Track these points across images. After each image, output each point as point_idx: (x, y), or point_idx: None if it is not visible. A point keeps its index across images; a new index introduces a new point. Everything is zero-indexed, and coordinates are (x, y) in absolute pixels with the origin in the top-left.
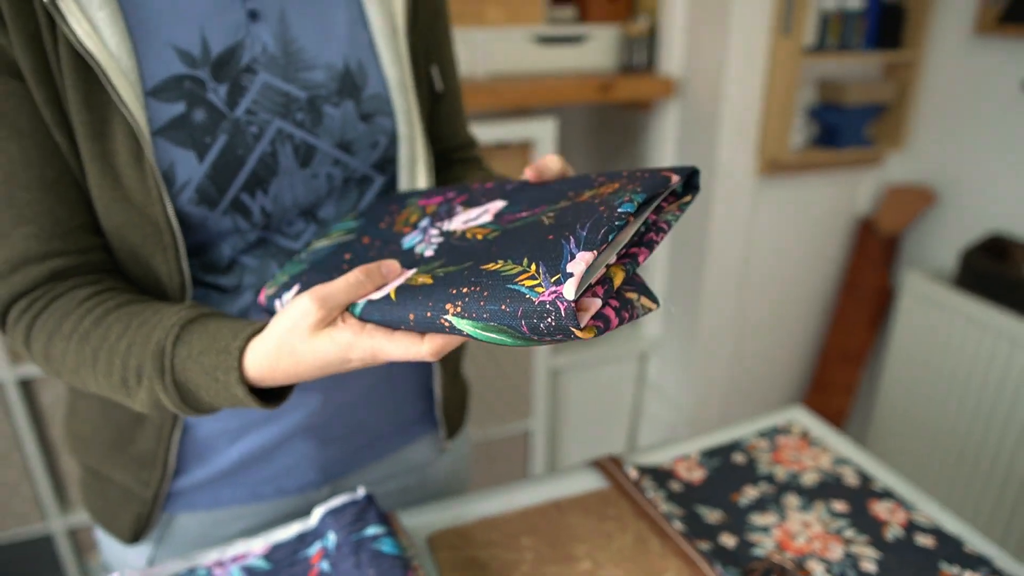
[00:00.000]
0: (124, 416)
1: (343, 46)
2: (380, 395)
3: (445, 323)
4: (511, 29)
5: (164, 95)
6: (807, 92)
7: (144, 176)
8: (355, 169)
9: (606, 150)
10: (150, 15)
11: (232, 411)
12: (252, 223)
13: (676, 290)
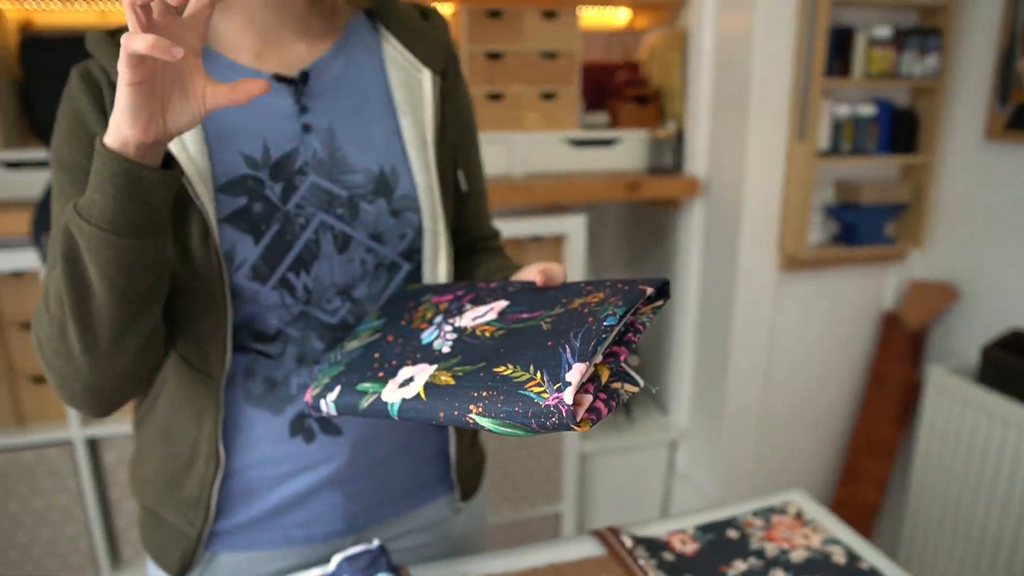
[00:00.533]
0: (176, 463)
1: (379, 154)
2: (402, 456)
3: (470, 420)
4: (548, 133)
5: (231, 191)
6: (826, 192)
7: (209, 254)
8: (385, 256)
9: (637, 244)
10: (225, 127)
11: (271, 462)
12: (296, 298)
13: (702, 379)
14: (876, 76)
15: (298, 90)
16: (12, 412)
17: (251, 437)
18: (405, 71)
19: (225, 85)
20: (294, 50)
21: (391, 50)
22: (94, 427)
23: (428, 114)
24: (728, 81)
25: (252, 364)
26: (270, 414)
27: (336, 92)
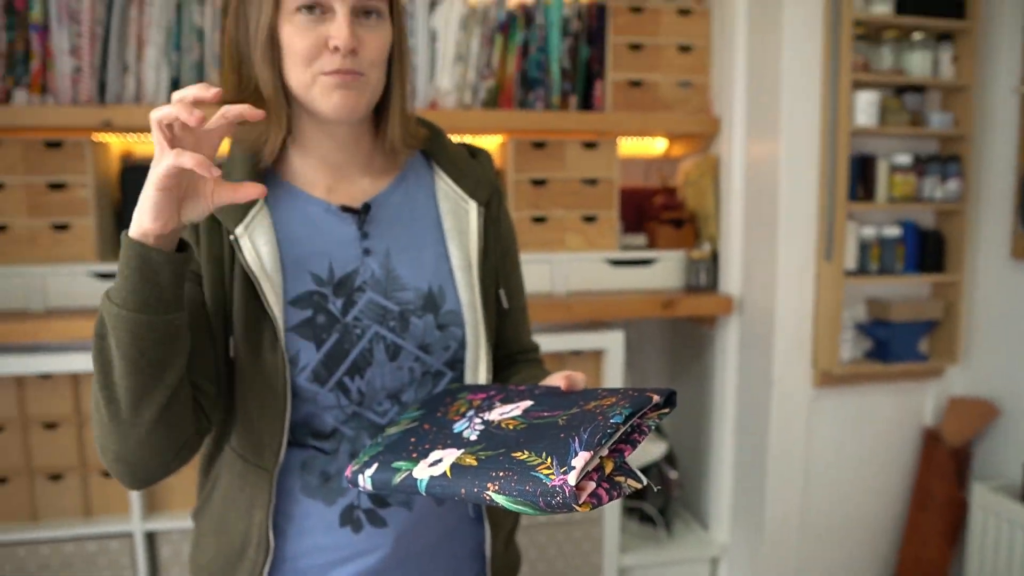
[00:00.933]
0: (230, 550)
1: (429, 275)
2: (441, 551)
3: (487, 496)
4: (589, 254)
5: (299, 304)
6: (857, 309)
7: (276, 358)
8: (431, 365)
9: (676, 359)
10: (297, 249)
11: (321, 550)
12: (350, 400)
13: (740, 495)
14: (899, 200)
15: (361, 219)
16: (81, 504)
17: (304, 526)
18: (454, 202)
19: (228, 186)
20: (359, 185)
21: (442, 184)
22: (153, 522)
23: (473, 240)
24: (758, 205)
25: (309, 459)
26: (323, 505)
27: (393, 220)
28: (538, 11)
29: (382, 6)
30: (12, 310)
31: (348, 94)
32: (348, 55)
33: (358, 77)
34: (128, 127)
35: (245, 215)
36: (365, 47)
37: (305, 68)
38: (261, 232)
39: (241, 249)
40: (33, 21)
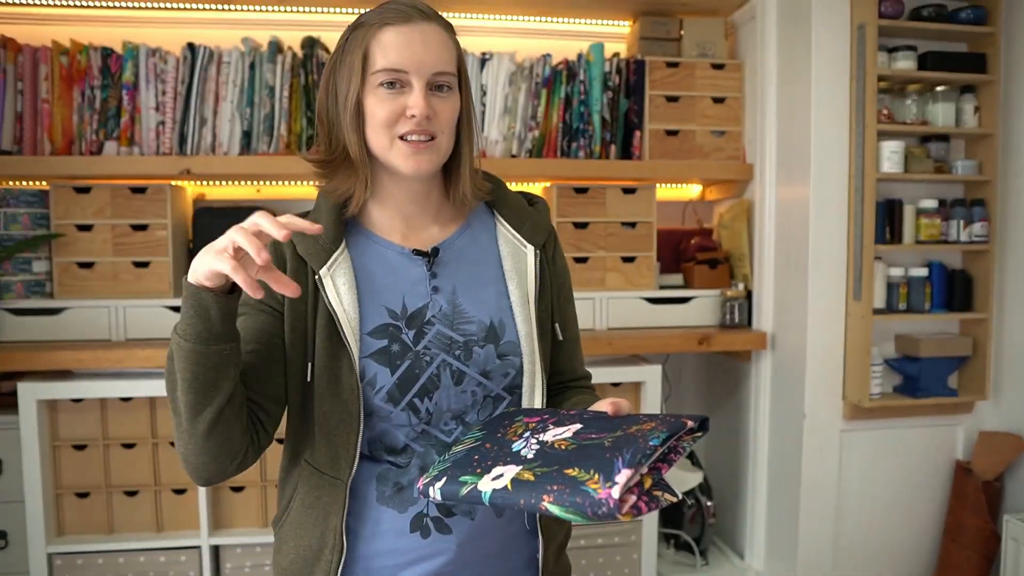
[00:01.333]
0: (308, 553)
1: (491, 309)
2: (500, 559)
3: (543, 507)
4: (628, 292)
5: (375, 335)
6: (887, 346)
7: (353, 381)
8: (491, 390)
9: (713, 391)
10: (373, 287)
11: (392, 552)
12: (419, 419)
13: (774, 524)
14: (926, 241)
15: (430, 261)
16: (154, 519)
17: (377, 530)
18: (513, 246)
19: (273, 275)
20: (430, 232)
21: (503, 230)
22: (218, 537)
23: (530, 280)
24: (789, 246)
25: (384, 472)
26: (396, 512)
27: (459, 262)
28: (580, 67)
29: (451, 81)
30: (97, 340)
31: (421, 155)
32: (423, 121)
33: (431, 140)
34: (205, 175)
35: (329, 258)
36: (437, 115)
37: (385, 132)
38: (342, 272)
39: (324, 288)
40: (125, 81)
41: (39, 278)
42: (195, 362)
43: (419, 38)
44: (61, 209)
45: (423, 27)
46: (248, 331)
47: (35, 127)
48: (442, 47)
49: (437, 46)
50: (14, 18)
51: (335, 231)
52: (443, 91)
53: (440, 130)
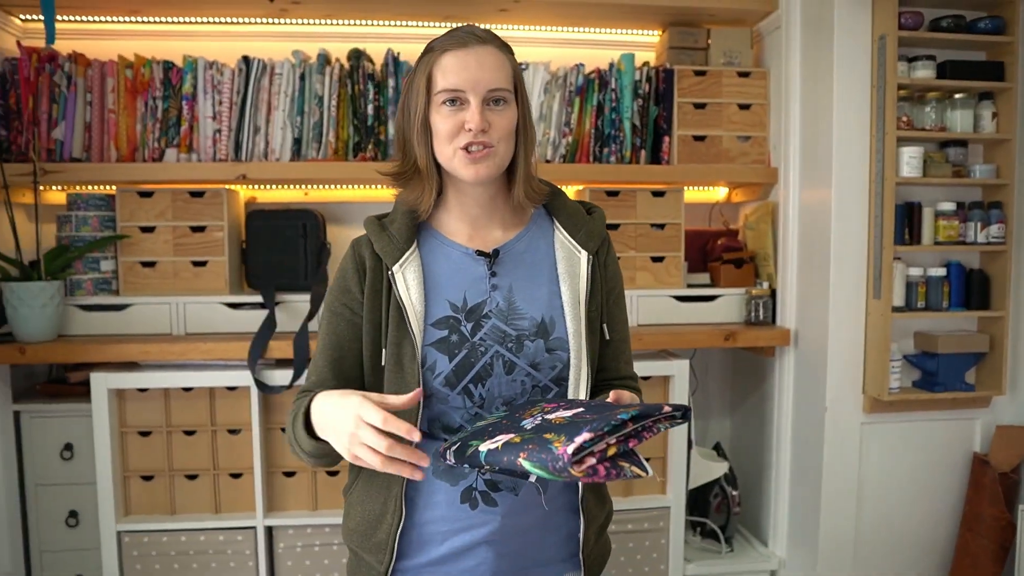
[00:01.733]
0: (372, 516)
1: (543, 307)
2: (541, 532)
3: (519, 463)
4: (657, 291)
5: (437, 325)
6: (906, 342)
7: (415, 367)
8: (539, 380)
9: (739, 385)
10: (438, 282)
11: (444, 520)
12: (473, 403)
13: (797, 513)
14: (944, 243)
15: (491, 261)
16: (213, 501)
17: (432, 500)
18: (568, 250)
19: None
20: (493, 235)
21: (559, 235)
22: (272, 519)
23: (582, 282)
24: (812, 247)
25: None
26: (449, 485)
27: (517, 263)
28: (612, 76)
29: (507, 95)
30: (159, 334)
31: (480, 163)
32: (479, 133)
33: (488, 150)
34: (260, 179)
35: (401, 256)
36: (493, 127)
37: (448, 144)
38: (412, 269)
39: (395, 282)
40: (184, 92)
41: (106, 276)
42: (311, 456)
43: (474, 61)
44: (126, 212)
45: (478, 50)
46: (338, 336)
47: (102, 136)
48: (496, 67)
49: (491, 66)
50: (84, 34)
51: (408, 233)
52: (499, 105)
53: (497, 139)
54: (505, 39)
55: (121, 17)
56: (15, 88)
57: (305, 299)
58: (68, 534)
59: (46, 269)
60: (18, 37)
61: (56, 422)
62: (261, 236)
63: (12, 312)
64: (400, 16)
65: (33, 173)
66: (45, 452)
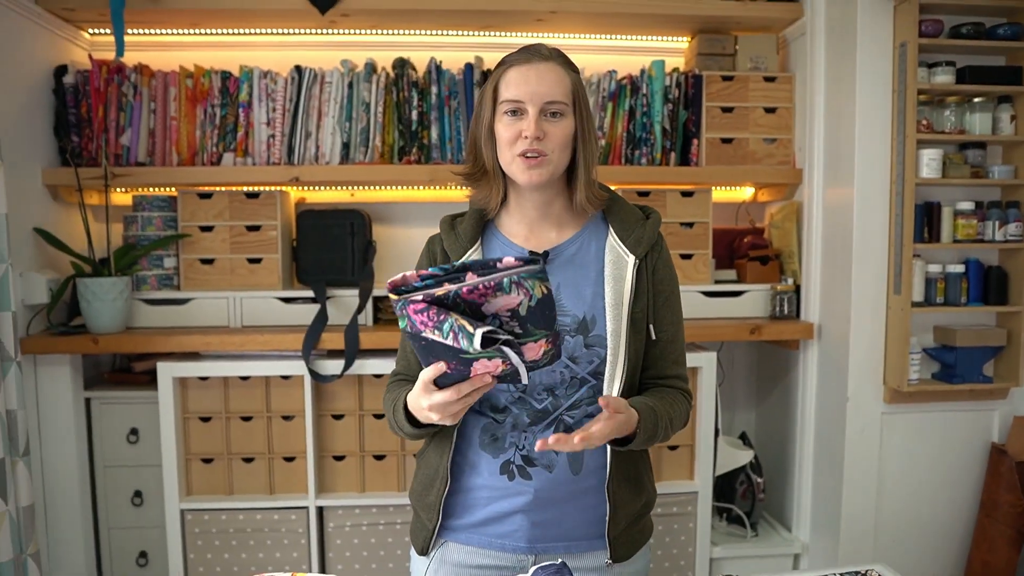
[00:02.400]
0: (427, 480)
1: (586, 306)
2: (572, 508)
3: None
4: (686, 286)
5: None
6: (926, 335)
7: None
8: (577, 373)
9: (764, 376)
10: None
11: (486, 487)
12: (517, 388)
13: (819, 499)
14: (963, 241)
15: (542, 262)
16: (267, 483)
17: (477, 469)
18: (617, 254)
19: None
20: (548, 236)
21: (611, 239)
22: (323, 499)
23: (627, 285)
24: (835, 245)
25: (487, 424)
26: (491, 457)
27: (567, 264)
28: (643, 81)
29: (564, 108)
30: (217, 326)
31: (534, 170)
32: (534, 141)
33: (543, 158)
34: (311, 181)
35: (464, 253)
36: (549, 136)
37: (508, 150)
38: None
39: None
40: (241, 100)
41: (168, 273)
42: (413, 436)
43: (535, 75)
44: (187, 212)
45: (539, 66)
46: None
47: (165, 141)
48: (555, 81)
49: (550, 80)
50: (148, 46)
51: (473, 233)
52: (555, 116)
53: (550, 148)
54: None
55: (182, 30)
56: (87, 98)
57: (353, 294)
58: (133, 512)
59: (115, 266)
60: (88, 50)
61: (122, 408)
62: (311, 235)
63: (86, 306)
64: (442, 26)
65: (104, 177)
66: (113, 436)
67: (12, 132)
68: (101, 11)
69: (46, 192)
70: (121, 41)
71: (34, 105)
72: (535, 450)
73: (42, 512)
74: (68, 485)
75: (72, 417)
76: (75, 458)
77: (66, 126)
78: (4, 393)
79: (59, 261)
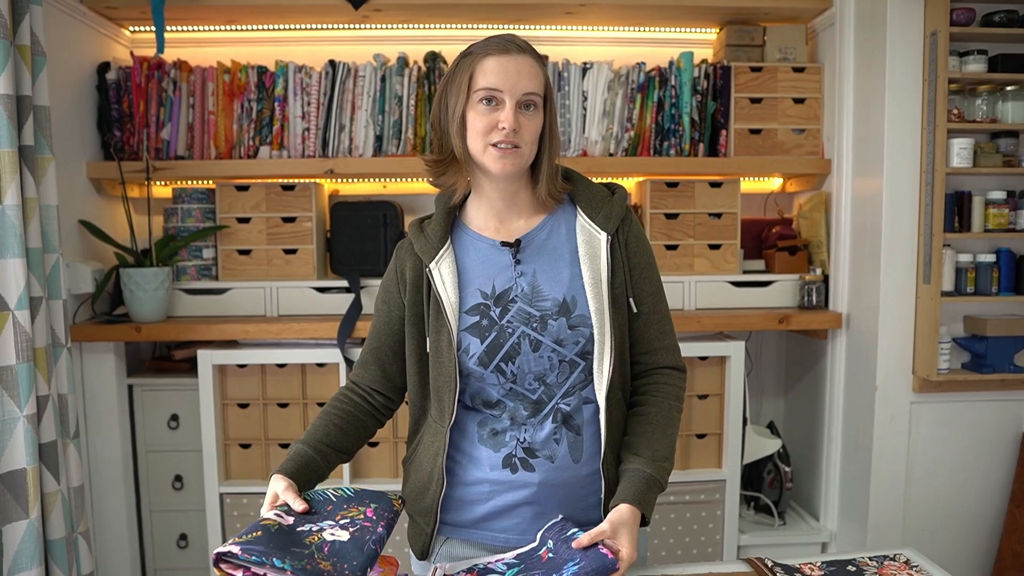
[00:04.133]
0: (420, 484)
1: (564, 288)
2: (574, 497)
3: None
4: (714, 276)
5: (470, 312)
6: (956, 325)
7: (451, 351)
8: (565, 355)
9: (793, 366)
10: (469, 273)
11: (488, 482)
12: (506, 379)
13: (847, 488)
14: (994, 230)
15: (515, 250)
16: None
17: (477, 463)
18: (588, 233)
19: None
20: (516, 225)
21: (580, 219)
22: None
23: (602, 261)
24: (864, 234)
25: (484, 420)
26: (491, 451)
27: (540, 250)
28: (671, 73)
29: (537, 101)
30: (254, 315)
31: (507, 159)
32: (511, 133)
33: (515, 149)
34: (345, 173)
35: (436, 254)
36: (522, 129)
37: (481, 139)
38: (446, 264)
39: (432, 277)
40: (276, 94)
41: (207, 263)
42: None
43: (513, 66)
44: (225, 204)
45: (517, 58)
46: (378, 329)
47: (203, 135)
48: (532, 74)
49: (528, 73)
50: (187, 43)
51: (442, 232)
52: (529, 109)
53: (524, 141)
54: (571, 40)
55: (220, 26)
56: (128, 94)
57: None
58: (174, 496)
59: (156, 256)
60: (129, 47)
61: (163, 395)
62: (345, 226)
63: (129, 295)
64: (473, 20)
65: (145, 170)
66: (154, 421)
67: (59, 128)
68: (142, 9)
69: (90, 185)
70: (161, 38)
71: (79, 101)
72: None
73: (88, 494)
74: (112, 469)
75: (116, 403)
76: (119, 443)
77: (109, 121)
78: (56, 377)
79: (103, 252)
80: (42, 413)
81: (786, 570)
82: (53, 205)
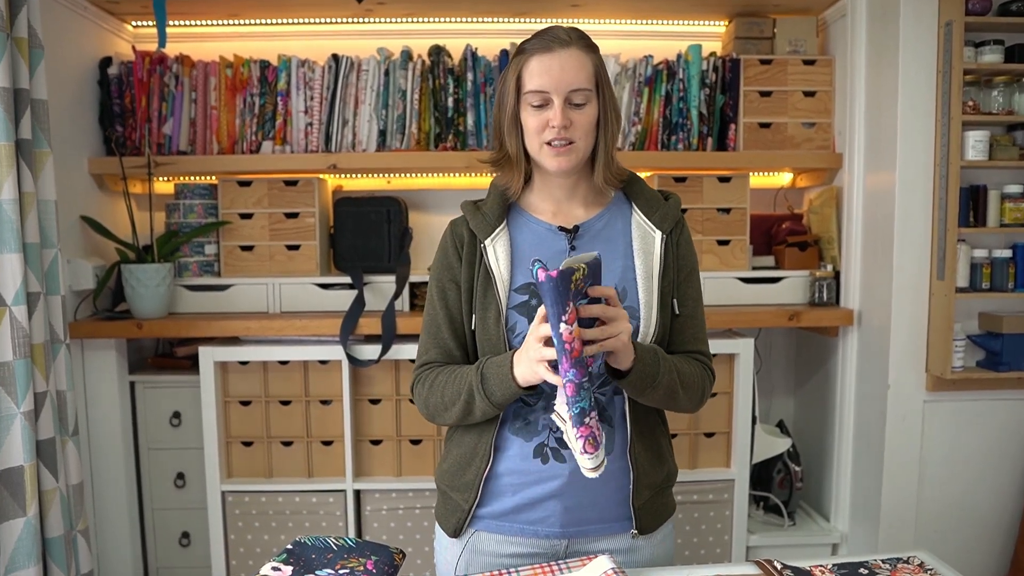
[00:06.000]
0: (464, 458)
1: (617, 278)
2: (603, 491)
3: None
4: (723, 272)
5: (520, 291)
6: (971, 322)
7: (500, 329)
8: None
9: (803, 363)
10: (523, 253)
11: (518, 472)
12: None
13: (859, 489)
14: (1011, 225)
15: (571, 236)
16: (305, 466)
17: (509, 453)
18: (643, 230)
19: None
20: (575, 213)
21: (636, 216)
22: (360, 483)
23: (656, 259)
24: (876, 230)
25: (518, 408)
26: (523, 441)
27: (595, 239)
28: (679, 66)
29: (588, 94)
30: (256, 311)
31: (562, 157)
32: (561, 130)
33: (569, 145)
34: (348, 168)
35: (492, 232)
36: (575, 124)
37: (535, 138)
38: (501, 243)
39: (487, 254)
40: (279, 89)
41: (209, 259)
42: (486, 413)
43: (557, 64)
44: (227, 200)
45: (561, 53)
46: (450, 308)
47: (205, 130)
48: (578, 68)
49: (573, 67)
50: (188, 37)
51: (498, 212)
52: (580, 103)
53: (578, 136)
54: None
55: (222, 20)
56: (130, 89)
57: (390, 280)
58: (175, 494)
59: (158, 252)
60: (131, 42)
61: (165, 392)
62: (348, 222)
63: (130, 292)
64: (477, 13)
65: (147, 166)
66: (156, 419)
67: (60, 123)
68: (144, 3)
69: (92, 181)
70: (163, 32)
71: (80, 96)
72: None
73: (89, 492)
74: (114, 466)
75: (117, 400)
76: (120, 440)
77: (110, 116)
78: (54, 374)
79: (104, 248)
80: (40, 410)
81: (796, 572)
82: (51, 200)
